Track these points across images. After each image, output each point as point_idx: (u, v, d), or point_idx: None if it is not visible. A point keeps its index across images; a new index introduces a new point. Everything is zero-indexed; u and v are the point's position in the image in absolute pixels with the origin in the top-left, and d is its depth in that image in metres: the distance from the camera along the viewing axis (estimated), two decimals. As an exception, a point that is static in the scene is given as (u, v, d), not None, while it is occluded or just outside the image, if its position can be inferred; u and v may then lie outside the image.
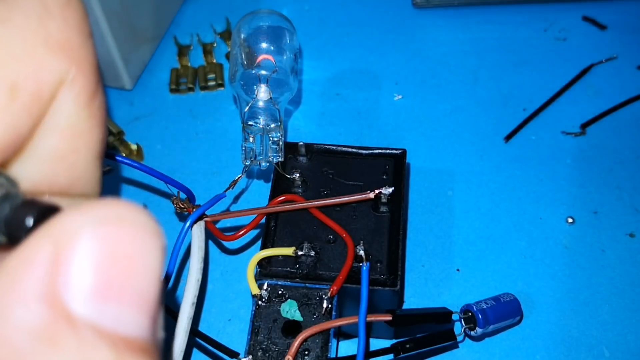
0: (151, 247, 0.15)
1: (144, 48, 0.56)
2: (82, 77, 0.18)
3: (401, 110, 0.53)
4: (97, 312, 0.14)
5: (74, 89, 0.18)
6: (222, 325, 0.43)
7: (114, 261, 0.14)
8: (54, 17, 0.17)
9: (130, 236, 0.14)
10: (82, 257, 0.13)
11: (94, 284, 0.14)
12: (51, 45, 0.17)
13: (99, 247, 0.14)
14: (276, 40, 0.46)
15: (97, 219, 0.14)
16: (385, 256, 0.38)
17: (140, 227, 0.14)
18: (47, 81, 0.17)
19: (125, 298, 0.14)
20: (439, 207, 0.47)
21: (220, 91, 0.56)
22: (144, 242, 0.14)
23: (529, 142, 0.50)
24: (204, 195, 0.42)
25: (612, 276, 0.43)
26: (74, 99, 0.18)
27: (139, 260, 0.14)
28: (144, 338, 0.14)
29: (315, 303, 0.36)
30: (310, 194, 0.41)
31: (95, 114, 0.19)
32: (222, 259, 0.46)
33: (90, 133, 0.19)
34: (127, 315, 0.14)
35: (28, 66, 0.16)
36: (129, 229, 0.14)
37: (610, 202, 0.47)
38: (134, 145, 0.52)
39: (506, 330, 0.41)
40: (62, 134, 0.18)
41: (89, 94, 0.18)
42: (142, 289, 0.14)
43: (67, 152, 0.18)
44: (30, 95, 0.16)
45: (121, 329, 0.14)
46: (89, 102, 0.18)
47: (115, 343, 0.14)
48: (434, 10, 0.60)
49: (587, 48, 0.56)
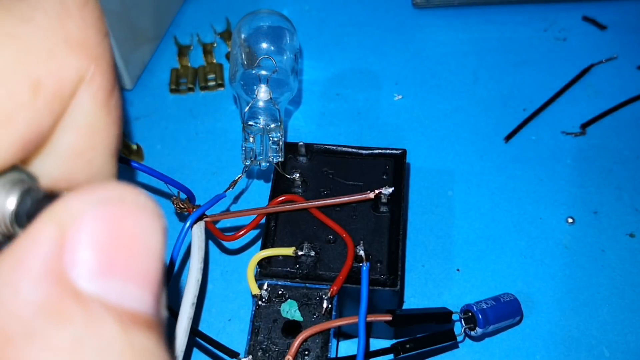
0: (153, 227, 0.15)
1: (144, 48, 0.56)
2: (100, 75, 0.18)
3: (401, 110, 0.53)
4: (102, 287, 0.14)
5: (93, 87, 0.18)
6: (222, 325, 0.43)
7: (117, 239, 0.14)
8: (73, 16, 0.18)
9: (132, 215, 0.15)
10: (85, 235, 0.14)
11: (98, 260, 0.14)
12: (71, 43, 0.17)
13: (101, 225, 0.14)
14: (276, 41, 0.46)
15: (100, 200, 0.14)
16: (385, 256, 0.38)
17: (142, 207, 0.15)
18: (67, 79, 0.17)
19: (129, 275, 0.14)
20: (439, 207, 0.47)
21: (220, 91, 0.56)
22: (146, 221, 0.15)
23: (529, 142, 0.50)
24: (204, 195, 0.42)
25: (612, 276, 0.43)
26: (92, 96, 0.18)
27: (141, 239, 0.15)
28: (149, 314, 0.15)
29: (315, 303, 0.36)
30: (310, 194, 0.41)
31: (112, 112, 0.19)
32: (222, 259, 0.46)
33: (107, 130, 0.19)
34: (132, 291, 0.14)
35: (50, 64, 0.17)
36: (130, 209, 0.15)
37: (610, 202, 0.47)
38: (134, 146, 0.52)
39: (506, 330, 0.41)
40: (80, 131, 0.18)
41: (107, 92, 0.19)
42: (145, 267, 0.15)
43: (85, 149, 0.19)
44: (52, 93, 0.17)
45: (126, 303, 0.14)
46: (107, 99, 0.19)
47: (121, 316, 0.14)
48: (434, 11, 0.60)
49: (587, 48, 0.56)
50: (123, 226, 0.15)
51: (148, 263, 0.15)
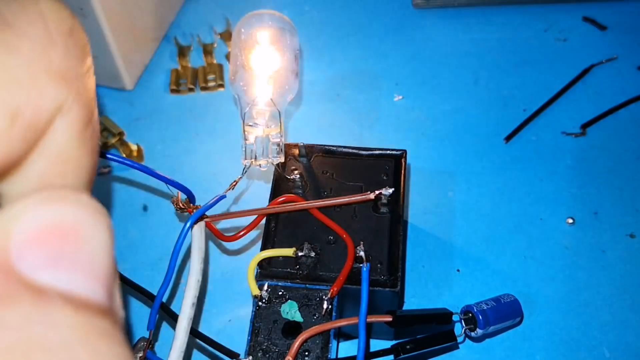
0: (97, 222, 0.15)
1: (144, 48, 0.56)
2: (78, 106, 0.18)
3: (401, 111, 0.53)
4: (51, 277, 0.14)
5: (69, 117, 0.18)
6: (222, 326, 0.43)
7: (61, 233, 0.15)
8: (57, 45, 0.18)
9: (75, 210, 0.15)
10: (29, 230, 0.14)
11: (44, 252, 0.14)
12: (52, 73, 0.17)
13: (44, 220, 0.15)
14: (277, 41, 0.46)
15: (41, 198, 0.15)
16: (385, 257, 0.38)
17: (84, 204, 0.15)
18: (45, 109, 0.17)
19: (77, 266, 0.15)
20: (439, 208, 0.47)
21: (220, 92, 0.56)
22: (89, 217, 0.15)
23: (530, 142, 0.50)
24: (204, 195, 0.42)
25: (612, 277, 0.43)
26: (67, 127, 0.18)
27: (85, 233, 0.15)
28: (101, 302, 0.15)
29: (316, 304, 0.36)
30: (310, 195, 0.41)
31: (87, 143, 0.19)
32: (222, 259, 0.46)
33: (80, 160, 0.19)
34: (81, 282, 0.15)
35: (30, 93, 0.17)
36: (72, 204, 0.15)
37: (610, 203, 0.47)
38: (134, 146, 0.52)
39: (507, 331, 0.41)
40: (52, 159, 0.18)
41: (83, 123, 0.19)
42: (92, 260, 0.15)
43: (55, 178, 0.19)
44: (29, 122, 0.17)
45: (77, 291, 0.14)
46: (82, 130, 0.19)
47: (73, 300, 0.14)
48: (434, 11, 0.60)
49: (587, 49, 0.56)
50: (65, 220, 0.15)
51: (95, 256, 0.15)
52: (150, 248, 0.47)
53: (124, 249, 0.47)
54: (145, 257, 0.46)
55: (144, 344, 0.37)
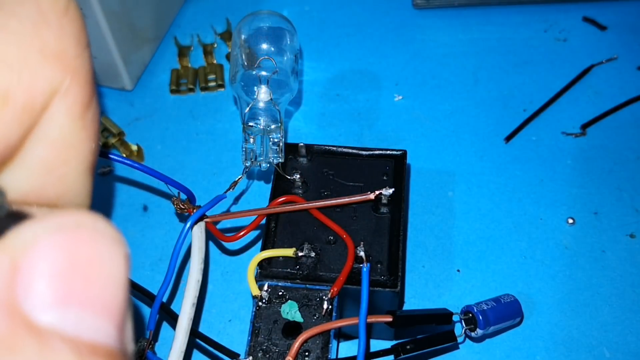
0: (112, 253, 0.14)
1: (144, 49, 0.56)
2: (76, 88, 0.18)
3: (401, 111, 0.53)
4: (58, 318, 0.13)
5: (68, 100, 0.17)
6: (223, 326, 0.43)
7: (73, 267, 0.14)
8: (51, 25, 0.17)
9: (90, 242, 0.14)
10: (39, 264, 0.13)
11: (52, 290, 0.13)
12: (46, 54, 0.17)
13: (55, 253, 0.14)
14: (277, 41, 0.46)
15: (54, 227, 0.14)
16: (385, 257, 0.38)
17: (100, 233, 0.14)
18: (40, 90, 0.17)
19: (86, 304, 0.14)
20: (440, 208, 0.47)
21: (220, 92, 0.56)
22: (104, 248, 0.14)
23: (530, 142, 0.50)
24: (204, 196, 0.42)
25: (612, 277, 0.43)
26: (66, 110, 0.18)
27: (99, 266, 0.14)
28: (110, 344, 0.14)
29: (316, 304, 0.36)
30: (310, 195, 0.41)
31: (88, 126, 0.19)
32: (222, 259, 0.46)
33: (81, 145, 0.19)
34: (90, 321, 0.14)
35: (21, 75, 0.16)
36: (87, 235, 0.14)
37: (610, 203, 0.47)
38: (134, 146, 0.52)
39: (507, 331, 0.41)
40: (52, 144, 0.18)
41: (83, 106, 0.18)
42: (104, 295, 0.14)
43: (57, 164, 0.18)
44: (22, 104, 0.16)
45: (84, 334, 0.14)
46: (82, 113, 0.18)
47: (79, 347, 0.13)
48: (434, 11, 0.60)
49: (587, 49, 0.56)
50: (79, 253, 0.14)
51: (107, 291, 0.14)
52: (150, 248, 0.47)
53: (124, 249, 0.47)
54: (145, 257, 0.46)
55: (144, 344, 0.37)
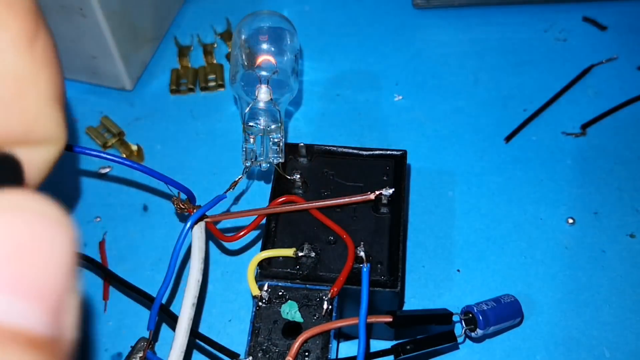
0: (53, 236, 0.14)
1: (144, 49, 0.56)
2: (15, 20, 0.17)
3: (401, 111, 0.53)
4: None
5: (9, 33, 0.17)
6: (223, 326, 0.43)
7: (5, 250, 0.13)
8: None
9: (27, 224, 0.14)
10: None
11: None
12: None
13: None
14: (277, 41, 0.46)
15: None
16: (385, 257, 0.38)
17: (40, 216, 0.14)
18: None
19: (16, 287, 0.13)
20: (440, 208, 0.47)
21: (220, 92, 0.56)
22: (44, 230, 0.14)
23: (530, 142, 0.50)
24: (204, 196, 0.42)
25: (612, 277, 0.43)
26: (10, 43, 0.17)
27: (36, 249, 0.14)
28: (40, 333, 0.13)
29: (316, 304, 0.36)
30: (310, 195, 0.41)
31: (40, 57, 0.18)
32: (222, 259, 0.46)
33: (36, 76, 0.18)
34: (19, 307, 0.13)
35: None
36: (26, 216, 0.14)
37: (610, 203, 0.47)
38: (134, 146, 0.52)
39: (507, 331, 0.41)
40: (3, 80, 0.17)
41: (27, 37, 0.17)
42: (38, 280, 0.13)
43: (13, 98, 0.18)
44: None
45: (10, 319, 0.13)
46: (29, 44, 0.18)
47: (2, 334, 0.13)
48: (434, 11, 0.60)
49: (587, 49, 0.56)
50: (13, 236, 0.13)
51: (42, 276, 0.13)
52: (150, 248, 0.47)
53: (124, 249, 0.47)
54: (145, 257, 0.46)
55: (144, 344, 0.37)
